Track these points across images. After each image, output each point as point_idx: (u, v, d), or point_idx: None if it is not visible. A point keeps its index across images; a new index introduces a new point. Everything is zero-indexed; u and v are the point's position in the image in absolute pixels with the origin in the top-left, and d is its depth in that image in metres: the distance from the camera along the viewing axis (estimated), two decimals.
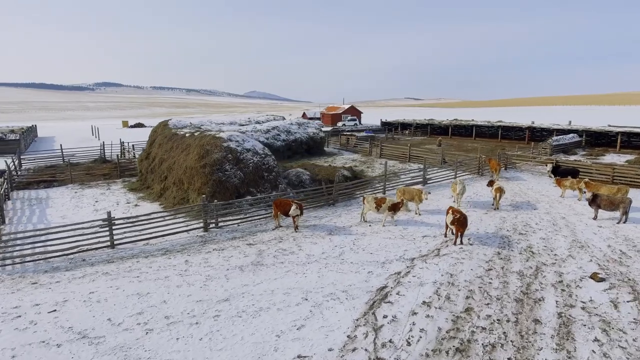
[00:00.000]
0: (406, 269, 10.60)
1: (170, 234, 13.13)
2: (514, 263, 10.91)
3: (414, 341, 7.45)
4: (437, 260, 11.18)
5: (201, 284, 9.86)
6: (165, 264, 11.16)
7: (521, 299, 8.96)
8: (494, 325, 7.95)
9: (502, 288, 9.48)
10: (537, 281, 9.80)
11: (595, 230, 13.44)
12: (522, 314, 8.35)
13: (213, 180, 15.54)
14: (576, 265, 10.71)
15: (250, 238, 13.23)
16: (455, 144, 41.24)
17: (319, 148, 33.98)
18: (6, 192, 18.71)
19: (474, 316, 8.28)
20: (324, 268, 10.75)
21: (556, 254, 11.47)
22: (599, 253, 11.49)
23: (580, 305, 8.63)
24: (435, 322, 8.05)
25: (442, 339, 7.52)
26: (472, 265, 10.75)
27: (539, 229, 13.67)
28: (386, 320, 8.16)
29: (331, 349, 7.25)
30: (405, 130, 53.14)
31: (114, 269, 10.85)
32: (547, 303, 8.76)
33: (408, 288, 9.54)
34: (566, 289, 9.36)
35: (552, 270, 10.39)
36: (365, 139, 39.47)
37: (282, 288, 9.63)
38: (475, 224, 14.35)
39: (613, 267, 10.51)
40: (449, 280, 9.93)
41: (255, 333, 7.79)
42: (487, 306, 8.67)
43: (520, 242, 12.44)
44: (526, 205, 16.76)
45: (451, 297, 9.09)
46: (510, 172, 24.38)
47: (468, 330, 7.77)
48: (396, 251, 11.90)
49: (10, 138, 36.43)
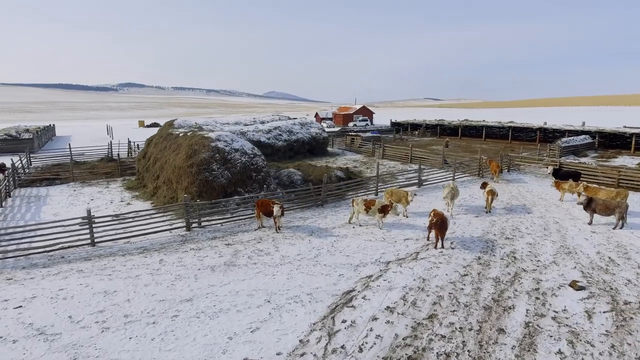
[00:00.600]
0: (379, 273, 10.34)
1: (152, 233, 13.21)
2: (493, 269, 10.51)
3: (366, 348, 7.23)
4: (413, 264, 10.88)
5: (169, 284, 9.86)
6: (140, 262, 11.22)
7: (490, 306, 8.61)
8: (454, 333, 7.64)
9: (473, 295, 9.14)
10: (512, 288, 9.41)
11: (588, 236, 12.84)
12: (487, 322, 8.00)
13: (200, 180, 15.60)
14: (558, 272, 10.23)
15: (230, 238, 13.20)
16: (464, 145, 40.37)
17: (321, 148, 33.83)
18: (7, 190, 19.28)
19: (436, 323, 7.98)
20: (295, 270, 10.60)
21: (539, 260, 11.00)
22: (586, 260, 10.96)
23: (551, 315, 8.22)
24: (393, 329, 7.80)
25: (396, 346, 7.27)
26: (447, 270, 10.42)
27: (527, 234, 13.16)
28: (344, 325, 7.96)
29: (279, 353, 7.10)
30: (415, 130, 52.42)
31: (89, 266, 10.98)
32: (516, 312, 8.38)
33: (375, 292, 9.30)
34: (541, 297, 8.95)
35: (530, 277, 9.96)
36: (371, 140, 39.13)
37: (247, 289, 9.53)
38: (462, 227, 13.95)
39: (597, 275, 10.00)
40: (420, 285, 9.63)
41: (209, 334, 7.71)
42: (453, 313, 8.35)
43: (504, 247, 11.99)
44: (521, 209, 16.19)
45: (417, 302, 8.81)
46: (513, 174, 23.66)
47: (426, 338, 7.49)
48: (373, 254, 11.64)
49: (24, 137, 37.67)
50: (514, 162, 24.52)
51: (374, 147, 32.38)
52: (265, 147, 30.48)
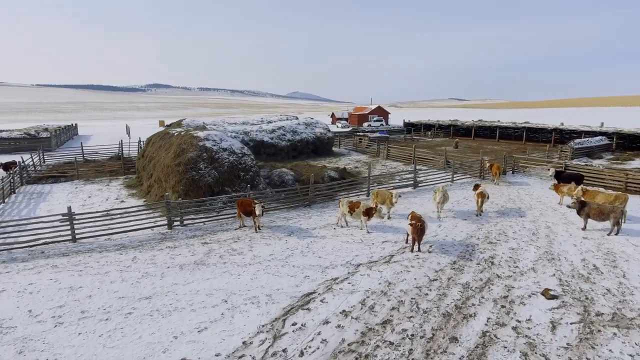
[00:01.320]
0: (346, 275, 10.11)
1: (133, 230, 13.40)
2: (465, 274, 10.09)
3: (308, 352, 7.04)
4: (384, 267, 10.58)
5: (134, 281, 9.94)
6: (114, 259, 11.38)
7: (451, 313, 8.24)
8: (404, 340, 7.35)
9: (436, 301, 8.78)
10: (480, 295, 8.99)
11: (577, 242, 12.17)
12: (442, 330, 7.66)
13: (186, 178, 15.74)
14: (534, 279, 9.72)
15: (209, 237, 13.23)
16: (475, 145, 39.28)
17: (326, 148, 33.63)
18: (12, 187, 20.03)
19: (388, 329, 7.70)
20: (262, 270, 10.50)
21: (517, 266, 10.49)
22: (568, 267, 10.37)
23: (513, 325, 7.79)
24: (342, 334, 7.57)
25: (339, 352, 7.04)
26: (417, 275, 10.07)
27: (513, 238, 12.60)
28: (293, 328, 7.79)
29: (218, 354, 7.00)
30: (428, 131, 51.47)
31: (64, 262, 11.22)
32: (477, 320, 7.99)
33: (336, 295, 9.08)
34: (507, 306, 8.50)
35: (503, 284, 9.50)
36: (382, 140, 38.66)
37: (209, 289, 9.49)
38: (447, 230, 13.51)
39: (575, 284, 9.43)
40: (384, 289, 9.34)
41: (156, 333, 7.70)
42: (409, 319, 8.04)
43: (485, 252, 11.51)
44: (514, 212, 15.54)
45: (376, 307, 8.53)
46: (518, 177, 22.80)
47: (372, 345, 7.23)
48: (346, 256, 11.40)
49: (42, 136, 39.16)
50: (519, 164, 23.61)
51: (379, 148, 31.94)
52: (268, 147, 30.62)
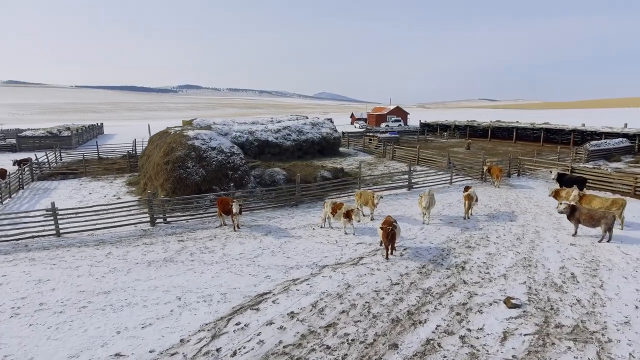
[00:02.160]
0: (307, 277, 9.96)
1: (116, 227, 13.74)
2: (431, 279, 9.72)
3: (241, 353, 6.95)
4: (349, 269, 10.36)
5: (99, 276, 10.17)
6: (89, 254, 11.70)
7: (400, 319, 7.94)
8: (342, 345, 7.13)
9: (390, 305, 8.49)
10: (438, 301, 8.63)
11: (562, 248, 11.50)
12: (385, 336, 7.39)
13: (174, 177, 16.01)
14: (501, 287, 9.24)
15: (187, 235, 13.38)
16: (489, 147, 38.04)
17: (332, 149, 33.44)
18: (20, 182, 21.01)
19: (330, 333, 7.51)
20: (226, 269, 10.50)
21: (488, 272, 10.01)
22: (542, 275, 9.80)
23: (461, 333, 7.41)
24: (282, 335, 7.44)
25: (272, 354, 6.92)
26: (380, 278, 9.79)
27: (494, 243, 12.05)
28: (235, 327, 7.72)
29: (152, 351, 7.03)
30: (444, 132, 50.30)
31: (43, 255, 11.63)
32: (425, 327, 7.66)
33: (290, 296, 8.95)
34: (463, 313, 8.11)
35: (466, 290, 9.08)
36: (389, 141, 38.09)
37: (167, 285, 9.58)
38: (428, 233, 13.09)
39: (544, 293, 8.90)
40: (341, 291, 9.13)
41: (102, 327, 7.82)
42: (355, 324, 7.81)
43: (459, 257, 11.06)
44: (505, 216, 14.88)
45: (326, 310, 8.35)
46: (523, 179, 21.85)
47: (309, 348, 7.06)
48: (315, 257, 11.24)
49: (63, 134, 40.96)
50: (524, 166, 22.63)
51: (385, 149, 31.47)
52: (273, 147, 30.76)
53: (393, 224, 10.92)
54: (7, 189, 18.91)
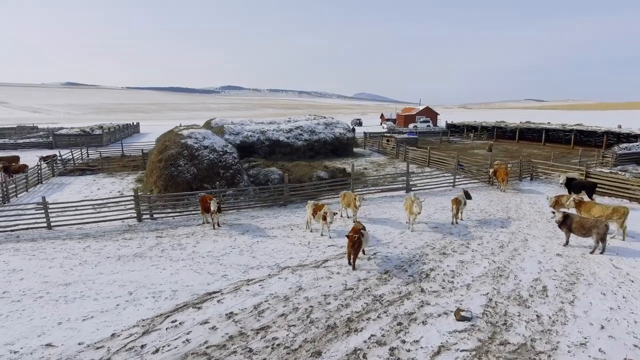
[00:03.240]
0: (263, 277, 9.83)
1: (104, 221, 14.26)
2: (388, 285, 9.29)
3: (163, 350, 6.94)
4: (309, 271, 10.12)
5: (68, 268, 10.56)
6: (69, 247, 12.21)
7: (336, 326, 7.63)
8: (265, 349, 6.94)
9: (333, 311, 8.18)
10: (384, 309, 8.21)
11: (545, 259, 10.61)
12: (313, 342, 7.11)
13: (166, 174, 16.41)
14: (459, 297, 8.66)
15: (167, 231, 13.65)
16: (514, 149, 36.12)
17: (345, 149, 33.05)
18: (39, 177, 22.40)
19: (259, 336, 7.34)
20: (188, 266, 10.58)
21: (452, 282, 9.41)
22: (510, 287, 9.09)
23: (393, 345, 6.99)
24: (210, 336, 7.36)
25: (192, 353, 6.85)
26: (336, 282, 9.48)
27: (473, 250, 11.35)
28: (170, 325, 7.74)
29: (81, 343, 7.18)
30: (470, 133, 48.35)
31: (28, 247, 12.28)
32: (359, 336, 7.30)
33: (237, 297, 8.86)
34: (405, 323, 7.66)
35: (420, 300, 8.58)
36: (406, 142, 37.18)
37: (125, 280, 9.79)
38: (406, 237, 12.56)
39: (504, 306, 8.23)
40: (289, 294, 8.93)
41: (47, 317, 8.10)
42: (288, 328, 7.59)
43: (428, 264, 10.50)
44: (498, 222, 14.00)
45: (265, 312, 8.18)
46: (534, 184, 20.50)
47: (231, 350, 6.93)
48: (280, 258, 11.09)
49: (95, 133, 43.34)
50: (537, 170, 21.21)
51: (398, 150, 30.69)
52: (284, 146, 30.87)
53: (361, 231, 10.49)
54: (24, 183, 20.22)
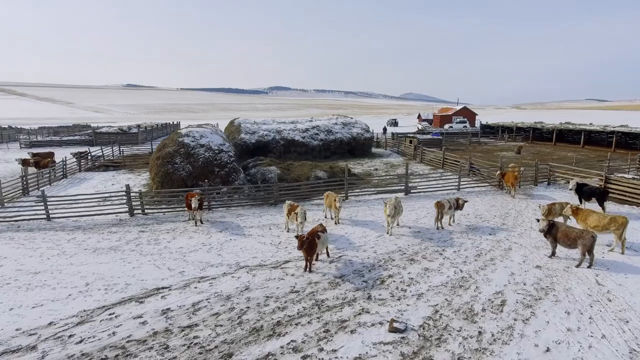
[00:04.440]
0: (217, 275, 9.84)
1: (98, 215, 15.00)
2: (335, 291, 8.93)
3: (87, 341, 7.12)
4: (264, 272, 10.00)
5: (46, 258, 11.18)
6: (57, 237, 12.94)
7: (262, 329, 7.44)
8: (181, 347, 6.92)
9: (268, 314, 8.00)
10: (318, 315, 7.89)
11: (520, 271, 9.72)
12: (231, 344, 6.98)
13: (162, 171, 16.96)
14: (405, 307, 8.13)
15: (152, 226, 14.07)
16: (547, 151, 33.65)
17: (362, 149, 32.45)
18: (64, 172, 24.07)
19: (182, 334, 7.33)
20: (152, 261, 10.84)
21: (406, 290, 8.87)
22: (465, 299, 8.41)
23: (309, 352, 6.69)
24: (137, 330, 7.46)
25: (110, 346, 6.97)
26: (285, 285, 9.29)
27: (443, 258, 10.64)
28: (106, 317, 7.95)
29: (19, 329, 7.53)
30: (504, 134, 45.71)
31: (23, 236, 13.17)
32: (279, 340, 7.07)
33: (182, 293, 8.94)
34: (332, 331, 7.32)
35: (361, 307, 8.17)
36: (432, 142, 35.91)
37: (89, 271, 10.19)
38: (380, 242, 12.07)
39: (447, 320, 7.62)
40: (234, 293, 8.87)
41: (3, 302, 8.60)
42: (215, 328, 7.51)
43: (389, 270, 9.98)
44: (488, 229, 13.05)
45: (200, 310, 8.17)
46: (550, 189, 18.93)
47: (148, 346, 6.98)
48: (244, 257, 11.07)
49: (132, 131, 45.92)
50: (553, 175, 19.55)
51: (415, 151, 29.67)
52: (299, 146, 30.88)
53: (318, 233, 10.19)
54: (47, 177, 21.82)
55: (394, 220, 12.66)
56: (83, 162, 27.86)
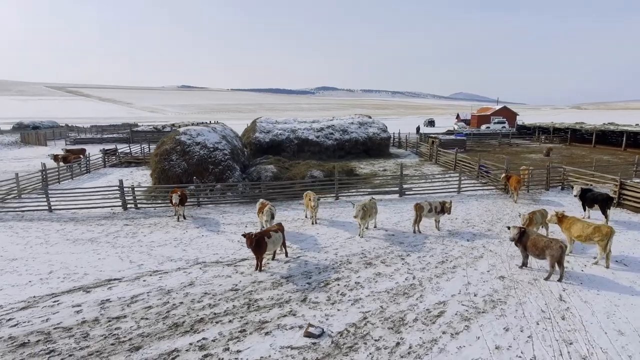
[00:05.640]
0: (170, 270, 10.04)
1: (94, 208, 15.86)
2: (274, 291, 8.78)
3: (20, 325, 7.52)
4: (217, 269, 10.06)
5: (29, 246, 11.97)
6: (49, 228, 13.82)
7: (182, 325, 7.46)
8: (98, 337, 7.11)
9: (196, 310, 8.02)
10: (243, 314, 7.78)
11: (479, 281, 9.00)
12: (145, 337, 7.07)
13: (159, 168, 17.61)
14: (335, 312, 7.82)
15: (139, 220, 14.64)
16: (582, 154, 31.01)
17: (379, 149, 31.74)
18: (87, 168, 25.74)
19: (106, 324, 7.53)
20: (119, 253, 11.26)
21: (344, 295, 8.52)
22: (401, 308, 7.92)
23: (211, 352, 6.62)
24: (70, 318, 7.78)
25: (37, 331, 7.31)
26: (229, 282, 9.29)
27: (402, 263, 10.11)
28: (50, 303, 8.35)
29: None
30: (541, 135, 42.76)
31: (20, 225, 14.19)
32: (191, 337, 7.05)
33: (129, 285, 9.21)
34: (248, 331, 7.19)
35: (290, 309, 7.95)
36: (455, 144, 34.42)
37: (58, 260, 10.78)
38: (348, 244, 11.72)
39: (371, 328, 7.21)
40: (176, 288, 9.00)
41: None
42: (139, 321, 7.65)
43: (339, 273, 9.65)
44: (468, 235, 12.24)
45: (137, 303, 8.36)
46: (562, 194, 17.39)
47: (70, 333, 7.24)
48: (207, 253, 11.21)
49: (165, 130, 48.19)
50: (566, 179, 17.92)
51: (431, 152, 28.55)
52: (313, 145, 30.82)
53: (270, 232, 10.07)
54: (70, 172, 23.45)
55: (364, 222, 12.23)
56: (114, 159, 29.66)
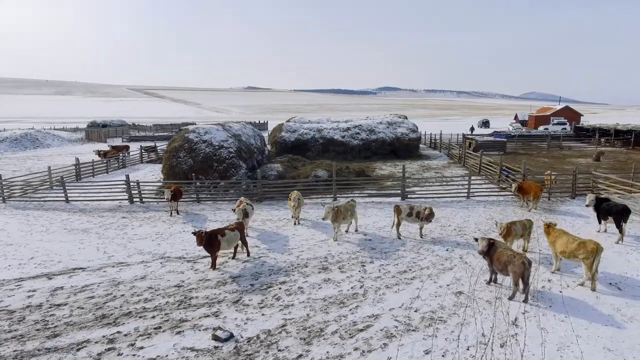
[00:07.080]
0: (134, 263, 10.36)
1: (103, 200, 16.93)
2: (215, 290, 8.68)
3: None
4: (175, 264, 10.21)
5: (30, 233, 13.04)
6: (56, 217, 14.95)
7: (107, 317, 7.61)
8: (25, 324, 7.47)
9: (131, 303, 8.15)
10: (168, 311, 7.75)
11: (430, 296, 8.13)
12: (69, 326, 7.31)
13: (168, 164, 18.35)
14: (257, 317, 7.50)
15: (136, 214, 15.35)
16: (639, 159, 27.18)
17: (407, 150, 30.41)
18: (124, 163, 27.68)
19: (44, 311, 7.91)
20: (100, 244, 11.86)
21: (279, 299, 8.16)
22: (329, 317, 7.38)
23: (118, 346, 6.64)
24: (20, 301, 8.30)
25: None
26: (178, 278, 9.36)
27: (359, 270, 9.47)
28: (12, 287, 8.99)
29: None
30: (601, 138, 38.29)
31: (35, 213, 15.53)
32: (108, 330, 7.16)
33: (88, 275, 9.65)
34: (163, 328, 7.13)
35: (216, 310, 7.77)
36: (493, 145, 32.09)
37: (44, 248, 11.60)
38: (316, 247, 11.31)
39: (283, 337, 6.80)
40: (126, 281, 9.25)
41: None
42: (74, 310, 7.94)
43: (290, 276, 9.27)
44: (451, 244, 11.20)
45: (83, 292, 8.71)
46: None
47: (6, 317, 7.70)
48: (175, 248, 11.47)
49: None
50: (595, 186, 15.68)
51: (460, 154, 26.77)
52: (338, 145, 30.39)
53: (224, 231, 9.99)
54: (105, 166, 25.38)
55: (337, 226, 11.67)
56: (152, 155, 31.61)
